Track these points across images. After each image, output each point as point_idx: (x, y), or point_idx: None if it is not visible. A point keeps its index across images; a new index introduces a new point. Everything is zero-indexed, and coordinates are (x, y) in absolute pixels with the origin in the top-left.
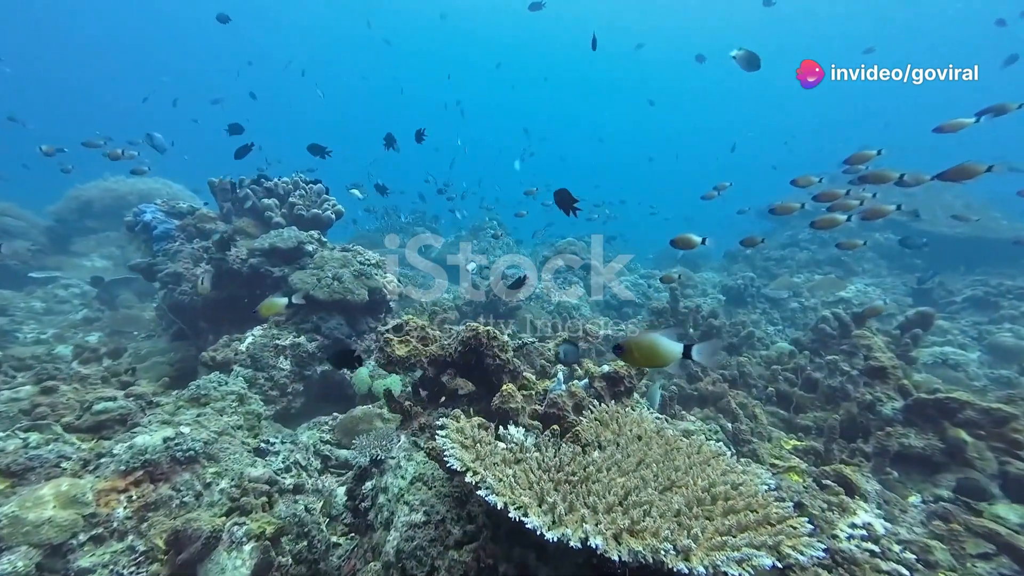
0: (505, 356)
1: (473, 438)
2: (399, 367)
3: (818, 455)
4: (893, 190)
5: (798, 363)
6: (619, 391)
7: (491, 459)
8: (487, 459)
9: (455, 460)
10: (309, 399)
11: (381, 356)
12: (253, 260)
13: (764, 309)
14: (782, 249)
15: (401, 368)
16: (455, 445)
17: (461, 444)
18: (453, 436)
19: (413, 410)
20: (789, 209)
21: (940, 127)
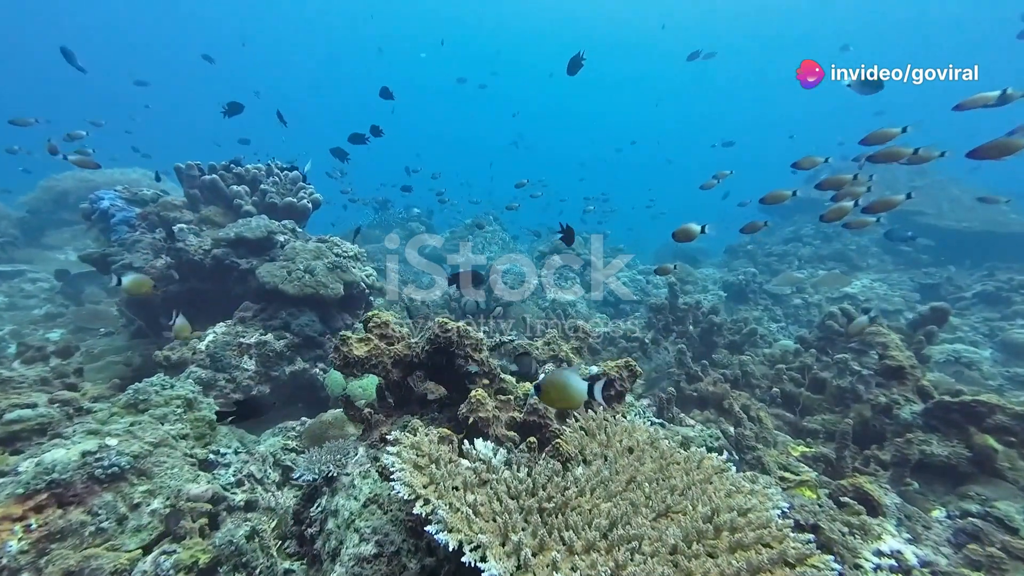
0: (479, 356)
1: (430, 456)
2: (358, 369)
3: (829, 463)
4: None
5: (804, 362)
6: (609, 395)
7: (449, 482)
8: (444, 483)
9: (402, 486)
10: (277, 402)
11: (336, 357)
12: (217, 251)
13: (766, 306)
14: (784, 244)
15: (360, 370)
16: (405, 466)
17: (414, 464)
18: (405, 454)
19: (374, 418)
20: (780, 197)
21: (961, 104)
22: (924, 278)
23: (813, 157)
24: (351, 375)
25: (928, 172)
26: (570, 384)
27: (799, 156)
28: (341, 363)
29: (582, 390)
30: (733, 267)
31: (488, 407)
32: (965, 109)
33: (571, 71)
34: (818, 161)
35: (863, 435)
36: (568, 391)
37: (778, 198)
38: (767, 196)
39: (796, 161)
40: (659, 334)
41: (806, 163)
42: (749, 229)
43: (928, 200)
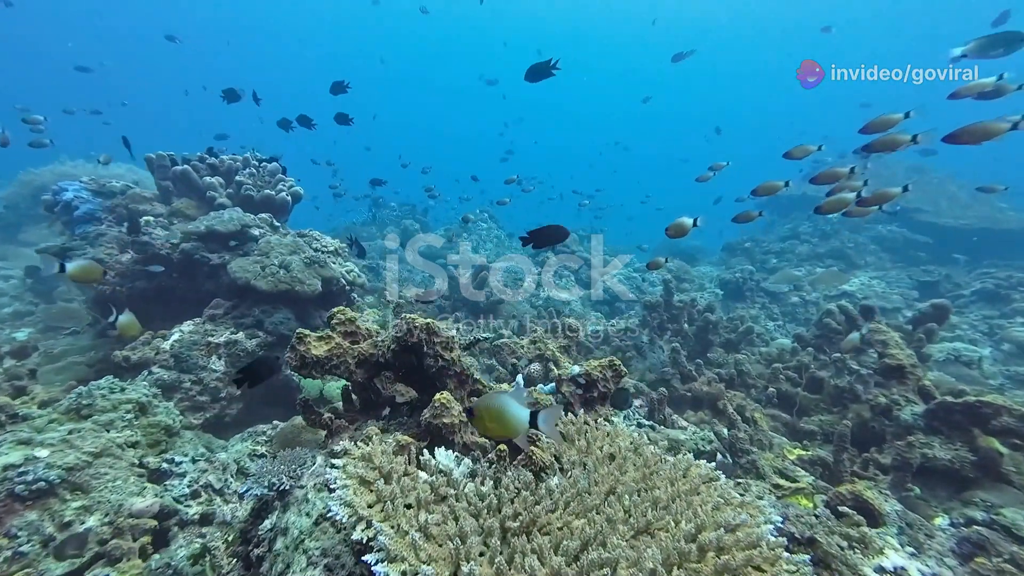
0: (450, 356)
1: (381, 469)
2: (317, 370)
3: (826, 467)
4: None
5: (801, 361)
6: (591, 397)
7: (400, 500)
8: (394, 501)
9: (341, 507)
10: (250, 404)
11: (293, 357)
12: (186, 245)
13: (763, 304)
14: (782, 242)
15: (319, 371)
16: (350, 482)
17: (360, 480)
18: (352, 467)
19: (335, 424)
20: (772, 188)
21: (956, 92)
22: (923, 275)
23: (805, 146)
24: (309, 376)
25: (926, 169)
26: (507, 411)
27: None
28: (298, 363)
29: (522, 419)
30: (731, 265)
31: (454, 411)
32: (960, 98)
33: (532, 78)
34: (811, 149)
35: (862, 437)
36: (504, 419)
37: (770, 189)
38: (759, 187)
39: (788, 151)
40: (654, 332)
41: (798, 152)
42: (743, 218)
43: (926, 197)
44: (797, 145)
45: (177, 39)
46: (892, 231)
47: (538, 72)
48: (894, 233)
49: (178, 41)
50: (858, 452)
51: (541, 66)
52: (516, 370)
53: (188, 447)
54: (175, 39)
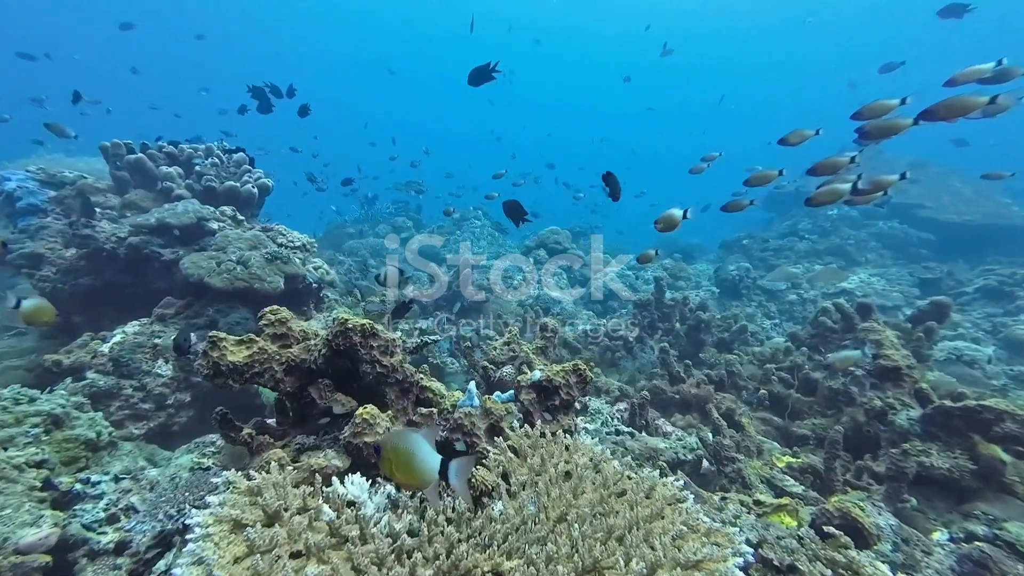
0: (390, 361)
1: (267, 508)
2: (235, 378)
3: (817, 475)
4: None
5: (795, 361)
6: (554, 406)
7: (285, 548)
8: (274, 551)
9: (187, 569)
10: (202, 412)
11: (204, 364)
12: (134, 239)
13: (760, 302)
14: (781, 239)
15: (239, 380)
16: (215, 529)
17: (234, 523)
18: (226, 509)
19: (256, 442)
20: (766, 178)
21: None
22: (924, 272)
23: (802, 131)
24: (225, 385)
25: (929, 164)
26: (416, 457)
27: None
28: (211, 371)
29: (431, 469)
30: (728, 262)
31: (380, 428)
32: (957, 85)
33: (474, 82)
34: (807, 134)
35: (857, 442)
36: (411, 467)
37: (763, 179)
38: (751, 177)
39: (783, 136)
40: (645, 331)
41: (794, 138)
42: (732, 207)
43: (928, 193)
44: (793, 130)
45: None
46: (893, 227)
47: (479, 75)
48: (895, 229)
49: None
50: (853, 458)
51: (482, 69)
52: (487, 375)
53: (124, 461)
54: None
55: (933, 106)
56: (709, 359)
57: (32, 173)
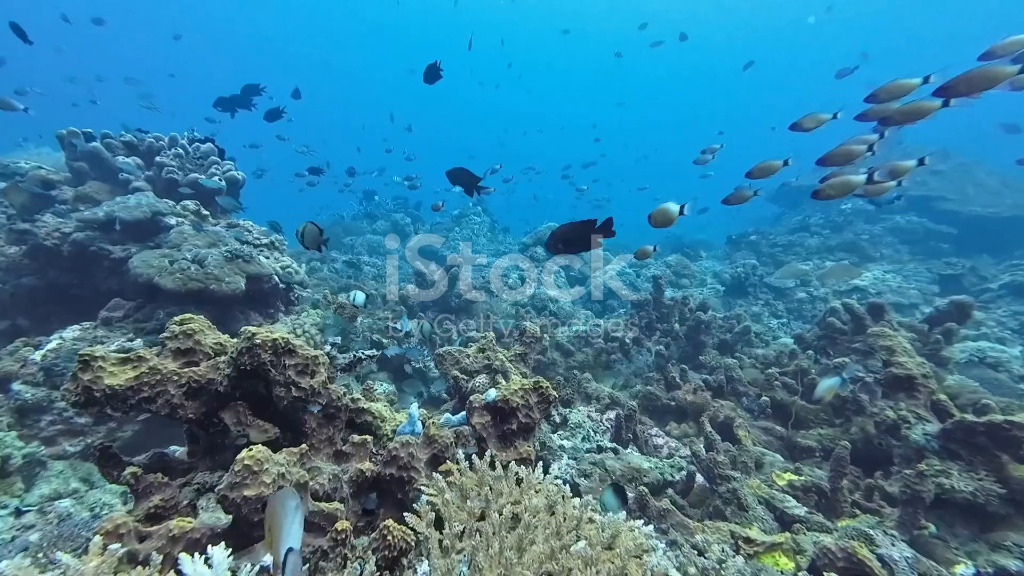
0: (309, 383)
1: None
2: (115, 406)
3: (823, 495)
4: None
5: (800, 365)
6: (510, 431)
7: None
8: None
9: None
10: (150, 425)
11: (71, 390)
12: (79, 235)
13: (767, 300)
14: (791, 234)
15: (122, 408)
16: None
17: None
18: None
19: (143, 483)
20: (770, 169)
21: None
22: (945, 268)
23: (818, 114)
24: (99, 415)
25: (952, 155)
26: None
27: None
28: (82, 399)
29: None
30: (734, 259)
31: (268, 476)
32: (996, 58)
33: (428, 79)
34: (823, 119)
35: (867, 454)
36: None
37: (768, 170)
38: (755, 168)
39: (795, 122)
40: (642, 333)
41: (808, 122)
42: (734, 200)
43: (951, 185)
44: (807, 114)
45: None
46: (911, 221)
47: (431, 74)
48: (913, 223)
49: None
50: (864, 473)
51: (431, 68)
52: (458, 386)
53: (52, 484)
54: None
55: (952, 80)
56: (709, 362)
57: None
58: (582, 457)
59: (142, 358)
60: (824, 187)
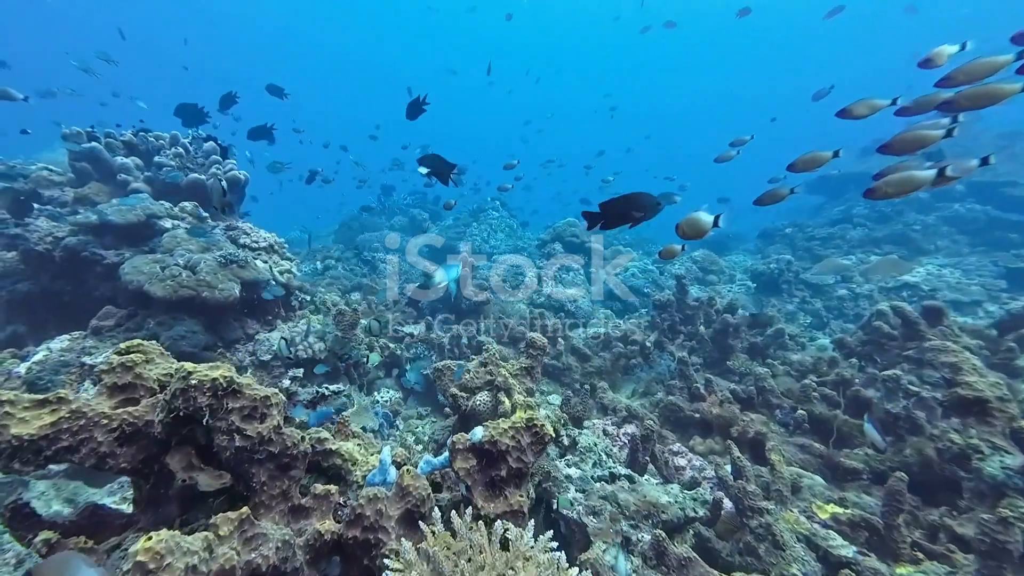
0: (259, 429)
1: None
2: (26, 461)
3: (875, 532)
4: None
5: (842, 375)
6: (498, 478)
7: None
8: None
9: None
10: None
11: None
12: (71, 240)
13: (803, 298)
14: (831, 227)
15: (33, 462)
16: None
17: None
18: None
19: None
20: (816, 161)
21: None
22: (1014, 261)
23: (872, 100)
24: (13, 471)
25: (1021, 134)
26: None
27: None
28: None
29: None
30: (767, 253)
31: (173, 574)
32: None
33: (410, 115)
34: (879, 105)
35: (924, 481)
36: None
37: (814, 162)
38: (798, 161)
39: (843, 108)
40: (664, 336)
41: (861, 109)
42: (769, 200)
43: (1021, 167)
44: (859, 100)
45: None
46: (973, 209)
47: (413, 109)
48: (975, 212)
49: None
50: (922, 506)
51: (415, 103)
52: (457, 404)
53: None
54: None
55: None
56: (738, 368)
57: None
58: (591, 489)
59: (62, 399)
60: (881, 185)
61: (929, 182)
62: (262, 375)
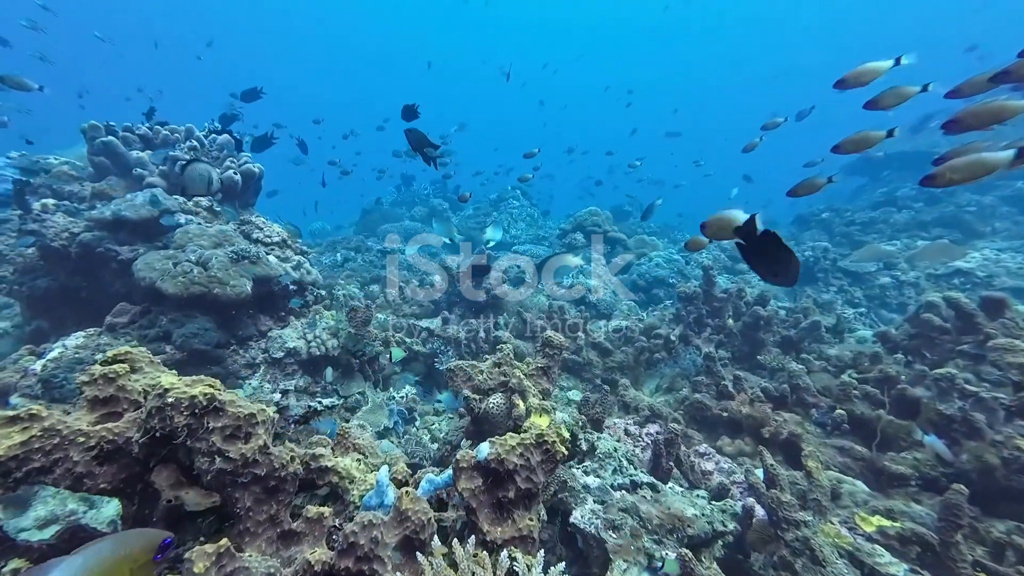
0: (243, 450)
1: None
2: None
3: (928, 548)
4: None
5: (885, 371)
6: (506, 499)
7: None
8: None
9: None
10: None
11: None
12: (86, 236)
13: (841, 287)
14: (873, 210)
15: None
16: None
17: None
18: None
19: None
20: (865, 142)
21: None
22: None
23: (901, 88)
24: None
25: None
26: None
27: None
28: None
29: None
30: (801, 240)
31: None
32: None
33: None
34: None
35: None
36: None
37: (863, 142)
38: (846, 141)
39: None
40: (690, 329)
41: (889, 99)
42: (805, 190)
43: None
44: (888, 89)
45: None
46: None
47: (408, 113)
48: None
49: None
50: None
51: (409, 108)
52: (470, 407)
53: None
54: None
55: None
56: (769, 363)
57: (12, 159)
58: (611, 500)
59: (35, 416)
60: (944, 171)
61: (1005, 165)
62: (275, 372)
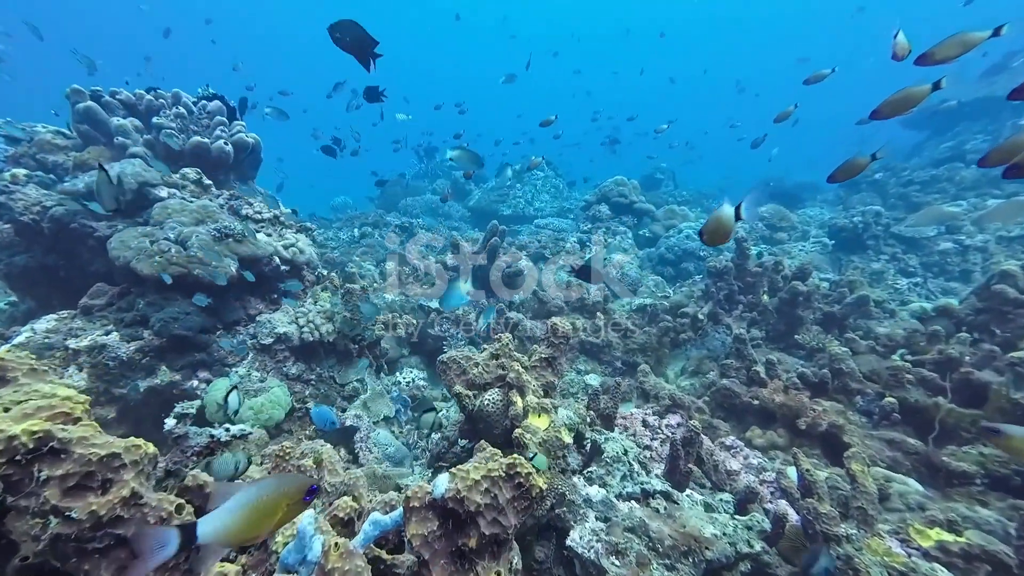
0: (93, 506)
1: None
2: None
3: (1002, 569)
4: None
5: (947, 352)
6: (467, 548)
7: None
8: None
9: None
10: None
11: None
12: (58, 210)
13: (894, 255)
14: (935, 168)
15: None
16: None
17: None
18: None
19: None
20: (914, 98)
21: None
22: None
23: (966, 35)
24: None
25: None
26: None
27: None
28: None
29: None
30: (850, 204)
31: None
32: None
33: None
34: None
35: None
36: None
37: (907, 102)
38: (885, 104)
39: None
40: (720, 307)
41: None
42: (843, 174)
43: None
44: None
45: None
46: None
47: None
48: None
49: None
50: None
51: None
52: (463, 405)
53: None
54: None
55: None
56: (808, 343)
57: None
58: (616, 517)
59: None
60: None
61: None
62: (264, 360)
